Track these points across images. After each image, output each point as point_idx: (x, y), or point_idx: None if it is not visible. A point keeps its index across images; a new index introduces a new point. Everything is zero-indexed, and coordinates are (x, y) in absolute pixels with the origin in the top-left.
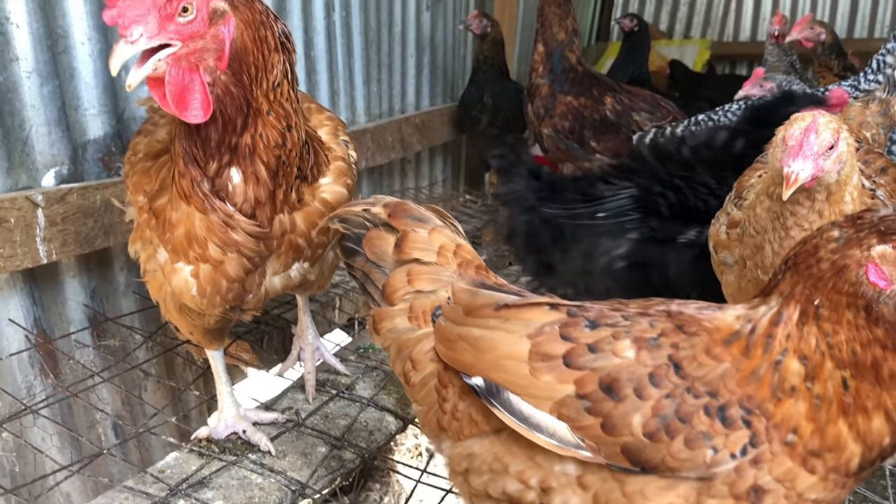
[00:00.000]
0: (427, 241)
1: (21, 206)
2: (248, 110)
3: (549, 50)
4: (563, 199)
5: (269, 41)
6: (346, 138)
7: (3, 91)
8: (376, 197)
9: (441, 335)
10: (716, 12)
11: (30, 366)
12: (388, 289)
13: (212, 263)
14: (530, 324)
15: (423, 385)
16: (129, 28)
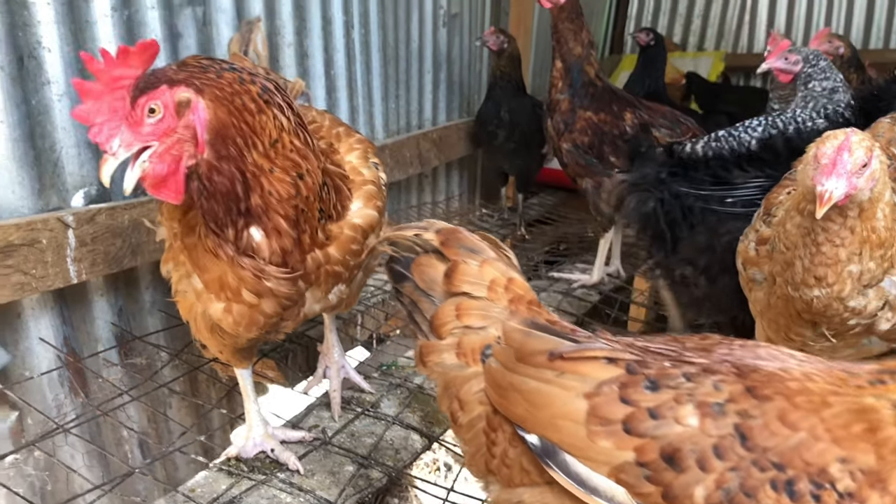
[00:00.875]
0: (478, 275)
1: (53, 227)
2: (245, 176)
3: (567, 65)
4: (693, 179)
5: (248, 107)
6: (375, 160)
7: (36, 114)
8: (429, 221)
9: (492, 379)
10: (730, 24)
11: (59, 384)
12: (437, 321)
13: (246, 306)
14: (587, 380)
15: (471, 427)
16: (108, 142)
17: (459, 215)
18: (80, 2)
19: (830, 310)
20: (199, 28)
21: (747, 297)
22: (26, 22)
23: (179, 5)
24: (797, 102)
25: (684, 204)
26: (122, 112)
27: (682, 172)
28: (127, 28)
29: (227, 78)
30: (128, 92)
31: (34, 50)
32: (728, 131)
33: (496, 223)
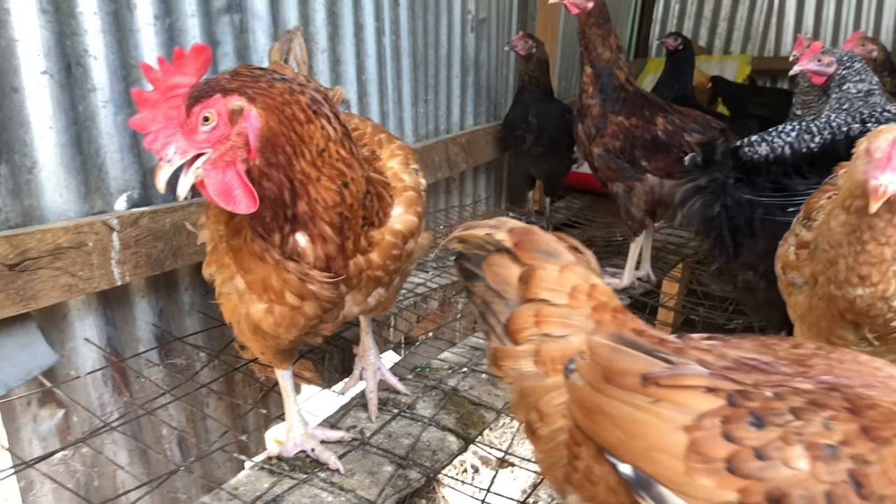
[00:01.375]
0: (558, 281)
1: (98, 231)
2: (293, 184)
3: (597, 71)
4: (756, 185)
5: (297, 117)
6: (416, 166)
7: (82, 120)
8: (500, 220)
9: (577, 399)
10: (756, 27)
11: (103, 383)
12: (513, 326)
13: (288, 307)
14: (685, 411)
15: (552, 439)
16: (164, 150)
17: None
18: (125, 11)
19: (874, 309)
20: (236, 35)
21: (786, 302)
22: (74, 31)
23: (218, 13)
24: (831, 105)
25: (746, 211)
26: (177, 120)
27: (746, 178)
28: (168, 36)
29: (278, 88)
30: (183, 100)
31: (81, 58)
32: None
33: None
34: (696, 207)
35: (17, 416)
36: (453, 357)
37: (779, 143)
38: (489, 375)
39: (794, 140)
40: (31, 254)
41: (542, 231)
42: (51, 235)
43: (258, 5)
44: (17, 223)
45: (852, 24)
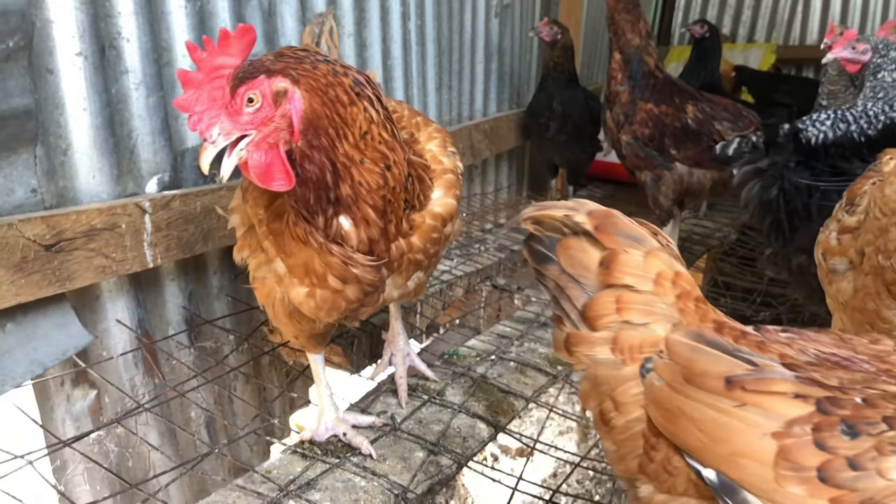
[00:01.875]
0: (643, 267)
1: (131, 213)
2: (335, 167)
3: (626, 57)
4: (814, 170)
5: (341, 98)
6: (453, 149)
7: (115, 102)
8: (578, 201)
9: (655, 399)
10: (781, 15)
11: (134, 365)
12: (591, 312)
13: (330, 291)
14: (773, 416)
15: (627, 429)
16: (208, 130)
17: (508, 207)
18: None
19: None
20: (264, 18)
21: (825, 291)
22: (108, 13)
23: None
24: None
25: (804, 195)
26: (222, 101)
27: (805, 162)
28: (199, 18)
29: (321, 69)
30: (227, 81)
31: (115, 40)
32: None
33: None
34: (754, 191)
35: (50, 396)
36: (480, 345)
37: (842, 126)
38: (517, 364)
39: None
40: (66, 234)
41: (623, 215)
42: (85, 217)
43: None
44: (52, 204)
45: (881, 13)
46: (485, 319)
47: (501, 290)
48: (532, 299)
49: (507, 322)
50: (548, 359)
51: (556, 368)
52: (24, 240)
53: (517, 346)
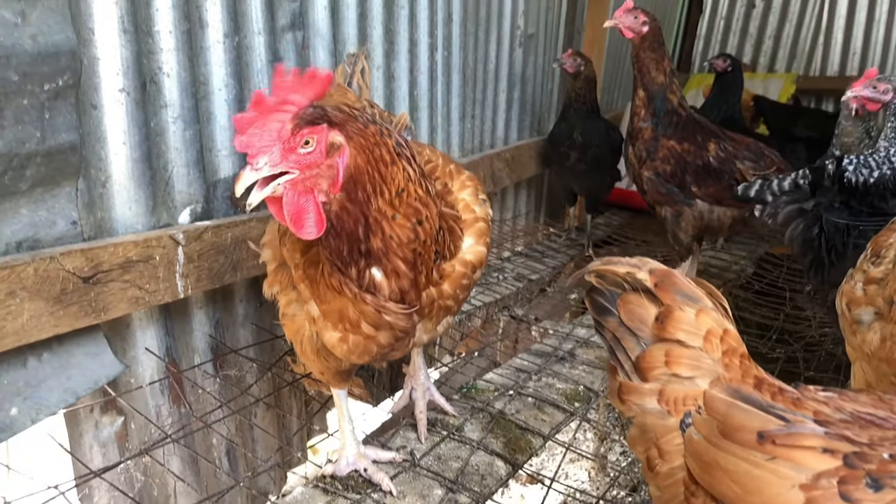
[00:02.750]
0: (694, 324)
1: (165, 245)
2: (367, 220)
3: (650, 94)
4: (851, 210)
5: (384, 158)
6: (484, 197)
7: (153, 135)
8: (641, 259)
9: (693, 452)
10: (802, 46)
11: (160, 392)
12: (643, 364)
13: (363, 336)
14: (802, 470)
15: (670, 475)
16: (255, 157)
17: (526, 234)
18: (197, 29)
19: None
20: (297, 52)
21: (847, 341)
22: (151, 49)
23: (282, 30)
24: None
25: (844, 234)
26: (279, 134)
27: (846, 202)
28: (236, 54)
29: (371, 130)
30: (291, 119)
31: (155, 75)
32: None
33: (564, 243)
34: (798, 230)
35: (80, 423)
36: (499, 378)
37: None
38: (535, 399)
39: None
40: (103, 266)
41: (681, 274)
42: (122, 249)
43: (320, 23)
44: (90, 235)
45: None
46: (501, 350)
47: (519, 321)
48: (550, 331)
49: (524, 355)
50: (565, 395)
51: (574, 405)
52: (63, 272)
53: (535, 381)
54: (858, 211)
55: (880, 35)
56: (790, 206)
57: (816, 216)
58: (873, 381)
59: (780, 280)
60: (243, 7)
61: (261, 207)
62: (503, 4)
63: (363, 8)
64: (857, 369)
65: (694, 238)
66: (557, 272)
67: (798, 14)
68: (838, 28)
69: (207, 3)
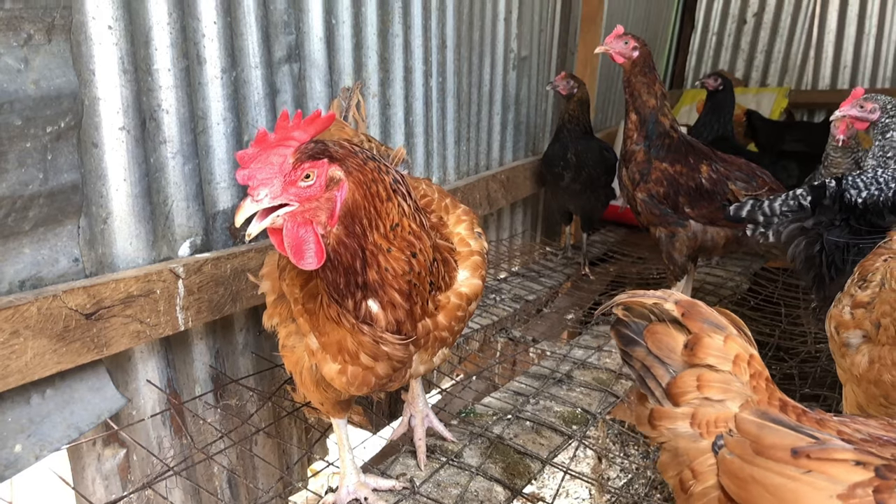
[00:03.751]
0: (723, 349)
1: (165, 279)
2: (364, 254)
3: (642, 117)
4: (853, 229)
5: (380, 194)
6: (479, 230)
7: (153, 171)
8: (666, 292)
9: (728, 471)
10: (794, 60)
11: (162, 424)
12: (675, 389)
13: (361, 367)
14: (837, 482)
15: (704, 495)
16: (256, 189)
17: (523, 253)
18: (196, 66)
19: None
20: (294, 83)
21: (837, 364)
22: (150, 87)
23: (278, 63)
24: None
25: (843, 251)
26: (279, 168)
27: (846, 222)
28: (233, 88)
29: (370, 166)
30: (293, 153)
31: (155, 112)
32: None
33: (560, 262)
34: (800, 248)
35: (82, 456)
36: (496, 402)
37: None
38: (533, 423)
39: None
40: (105, 303)
41: (705, 304)
42: (123, 284)
43: (316, 54)
44: (92, 272)
45: (892, 59)
46: (500, 374)
47: (517, 343)
48: (547, 353)
49: (522, 378)
50: (563, 417)
51: (571, 428)
52: (66, 310)
53: (532, 405)
54: (857, 229)
55: (870, 49)
56: (792, 224)
57: (819, 234)
58: (863, 403)
59: (776, 296)
60: (240, 42)
61: (260, 238)
62: (496, 29)
63: (358, 38)
64: (847, 391)
65: (689, 258)
66: (554, 291)
67: (789, 29)
68: (829, 42)
69: (205, 41)
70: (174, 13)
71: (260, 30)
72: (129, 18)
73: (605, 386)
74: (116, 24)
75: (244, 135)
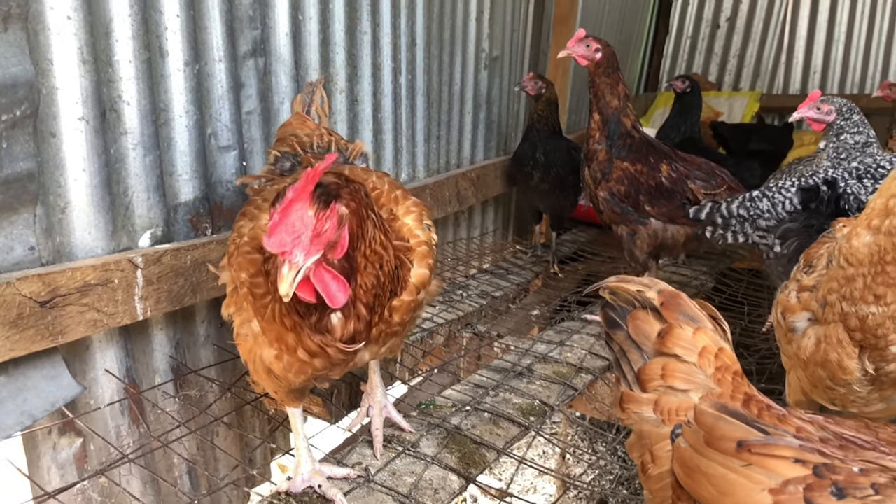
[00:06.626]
0: (690, 341)
1: (124, 268)
2: (355, 274)
3: (604, 117)
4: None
5: (363, 217)
6: (429, 222)
7: (113, 162)
8: (652, 280)
9: (679, 458)
10: (766, 65)
11: (120, 413)
12: (644, 375)
13: (298, 360)
14: (773, 476)
15: (660, 479)
16: (291, 254)
17: (493, 251)
18: (158, 58)
19: (882, 329)
20: (259, 78)
21: (782, 350)
22: (111, 78)
23: (243, 57)
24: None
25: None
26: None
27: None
28: (197, 81)
29: (360, 193)
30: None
31: (115, 103)
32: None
33: (530, 260)
34: (792, 247)
35: (37, 445)
36: (457, 395)
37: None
38: (491, 414)
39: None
40: (60, 291)
41: (688, 297)
42: (80, 273)
43: (282, 49)
44: (49, 260)
45: (860, 64)
46: (464, 368)
47: (482, 337)
48: (511, 347)
49: (484, 371)
50: (521, 409)
51: (529, 419)
52: (20, 297)
53: (492, 397)
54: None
55: (839, 54)
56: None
57: (811, 235)
58: (808, 389)
59: (740, 294)
60: (204, 36)
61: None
62: (468, 28)
63: (325, 34)
64: (792, 378)
65: (650, 255)
66: (522, 289)
67: (761, 34)
68: (799, 48)
69: (168, 33)
70: (135, 5)
71: (224, 24)
72: (88, 9)
73: (565, 379)
74: (75, 15)
75: (207, 128)
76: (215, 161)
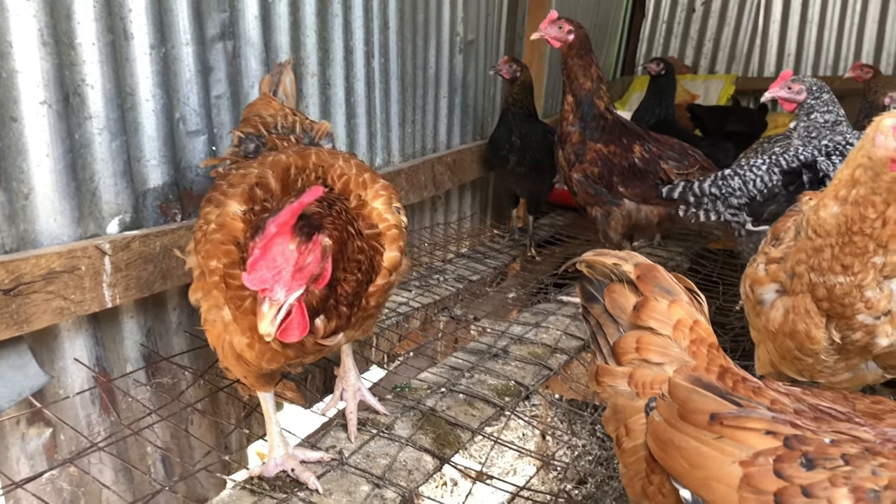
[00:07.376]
0: (665, 313)
1: (91, 255)
2: (335, 294)
3: (577, 99)
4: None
5: (345, 238)
6: (398, 205)
7: (78, 147)
8: (629, 253)
9: (653, 431)
10: (741, 48)
11: (91, 402)
12: (619, 349)
13: (270, 349)
14: (743, 448)
15: (634, 452)
16: (272, 290)
17: (471, 236)
18: (122, 41)
19: (848, 297)
20: (228, 61)
21: (751, 324)
22: (73, 61)
23: (212, 40)
24: (799, 133)
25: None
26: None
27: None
28: (164, 64)
29: (343, 219)
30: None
31: (79, 87)
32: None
33: (507, 244)
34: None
35: (5, 436)
36: (432, 377)
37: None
38: (466, 396)
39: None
40: (25, 278)
41: (664, 270)
42: (45, 260)
43: (251, 32)
44: (13, 248)
45: (834, 47)
46: (441, 351)
47: (458, 321)
48: (487, 330)
49: (459, 353)
50: (496, 390)
51: (504, 400)
52: None
53: (467, 378)
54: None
55: (812, 36)
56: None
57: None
58: (776, 361)
59: (715, 275)
60: (170, 18)
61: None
62: (441, 12)
63: (295, 17)
64: (761, 352)
65: (624, 236)
66: (500, 273)
67: (736, 18)
68: (773, 31)
69: (132, 16)
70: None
71: (191, 6)
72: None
73: (541, 360)
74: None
75: (175, 112)
76: (184, 146)
